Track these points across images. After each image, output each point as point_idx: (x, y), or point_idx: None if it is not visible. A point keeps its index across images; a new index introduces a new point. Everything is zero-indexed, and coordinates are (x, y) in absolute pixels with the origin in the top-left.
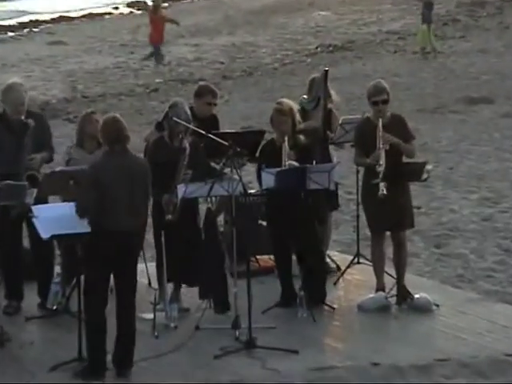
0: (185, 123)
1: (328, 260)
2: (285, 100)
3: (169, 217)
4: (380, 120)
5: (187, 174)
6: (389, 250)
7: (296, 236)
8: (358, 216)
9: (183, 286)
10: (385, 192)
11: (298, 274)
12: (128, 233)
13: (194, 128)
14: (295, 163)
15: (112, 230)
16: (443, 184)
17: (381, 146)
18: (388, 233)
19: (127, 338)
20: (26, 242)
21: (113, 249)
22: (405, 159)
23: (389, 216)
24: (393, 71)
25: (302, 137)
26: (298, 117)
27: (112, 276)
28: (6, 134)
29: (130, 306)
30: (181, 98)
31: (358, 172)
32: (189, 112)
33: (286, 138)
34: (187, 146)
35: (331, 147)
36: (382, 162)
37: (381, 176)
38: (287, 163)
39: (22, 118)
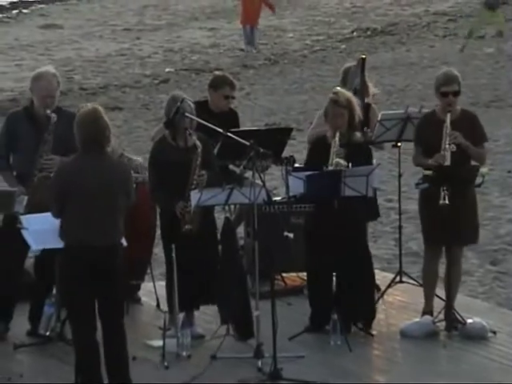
0: (193, 117)
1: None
2: (342, 90)
3: (187, 227)
4: (448, 115)
5: (202, 175)
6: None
7: (338, 251)
8: (400, 227)
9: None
10: (446, 201)
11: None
12: (105, 248)
13: (207, 124)
14: (342, 161)
15: (86, 244)
16: (500, 190)
17: (447, 145)
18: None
19: (118, 369)
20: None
21: (88, 267)
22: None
23: (449, 228)
24: (442, 59)
25: (359, 134)
26: (358, 111)
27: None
28: (30, 130)
29: (118, 332)
30: (180, 91)
31: (399, 176)
32: (192, 105)
33: (338, 134)
34: (198, 142)
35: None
36: (448, 163)
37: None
38: (334, 161)
39: (48, 111)
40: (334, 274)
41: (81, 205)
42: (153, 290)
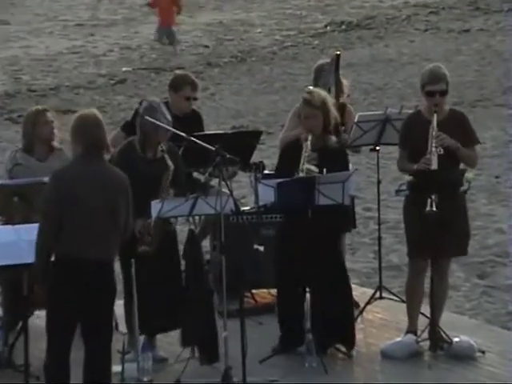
0: (170, 128)
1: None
2: (316, 89)
3: (143, 248)
4: (435, 116)
5: (168, 195)
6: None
7: (311, 265)
8: (379, 238)
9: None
10: (434, 208)
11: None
12: (104, 262)
13: (168, 127)
14: (313, 168)
15: (84, 257)
16: (488, 197)
17: (433, 148)
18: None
19: None
20: None
21: (84, 282)
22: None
23: (437, 239)
24: (423, 55)
25: (333, 138)
26: (334, 112)
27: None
28: None
29: (105, 358)
30: (156, 99)
31: (378, 182)
32: (169, 117)
33: (310, 137)
34: (169, 162)
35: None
36: (435, 167)
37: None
38: (304, 167)
39: None
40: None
41: (81, 214)
42: None
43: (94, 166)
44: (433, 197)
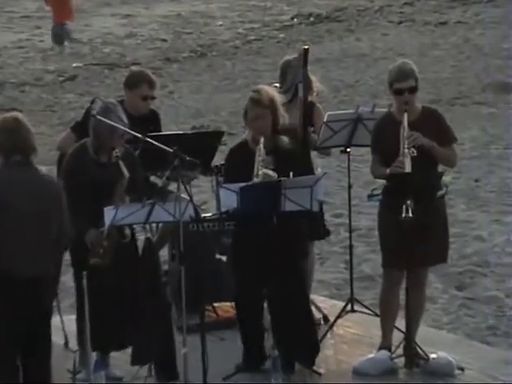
0: (127, 130)
1: (311, 308)
2: (264, 87)
3: (95, 260)
4: (405, 115)
5: (123, 202)
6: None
7: (271, 276)
8: (350, 247)
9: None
10: (410, 214)
11: (269, 327)
12: (34, 279)
13: (123, 128)
14: (271, 173)
15: (9, 275)
16: (466, 202)
17: (405, 150)
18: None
19: None
20: None
21: (11, 303)
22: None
23: (414, 247)
24: (397, 49)
25: (285, 138)
26: (282, 111)
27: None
28: None
29: (43, 380)
30: (113, 100)
31: (349, 187)
32: (126, 120)
33: (262, 140)
34: (125, 170)
35: (313, 153)
36: (408, 170)
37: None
38: (260, 172)
39: None
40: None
41: (9, 225)
42: (60, 326)
43: (20, 173)
44: (408, 202)
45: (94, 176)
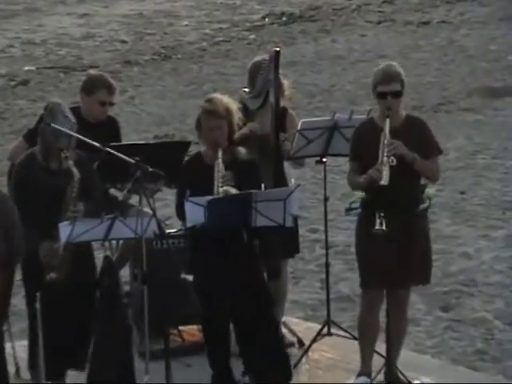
0: (72, 133)
1: (284, 330)
2: (218, 96)
3: (50, 275)
4: (387, 121)
5: (77, 211)
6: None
7: (235, 297)
8: (327, 265)
9: (70, 370)
10: (383, 227)
11: (238, 352)
12: None
13: (79, 137)
14: (233, 190)
15: None
16: (451, 216)
17: (384, 158)
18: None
19: None
20: None
21: None
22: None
23: (395, 266)
24: (376, 51)
25: (243, 150)
26: (237, 119)
27: None
28: None
29: None
30: (58, 100)
31: (325, 200)
32: (73, 119)
33: (220, 152)
34: (74, 170)
35: (287, 164)
36: (385, 182)
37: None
38: (221, 190)
39: None
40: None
41: None
42: (11, 352)
43: None
44: (382, 214)
45: (44, 184)
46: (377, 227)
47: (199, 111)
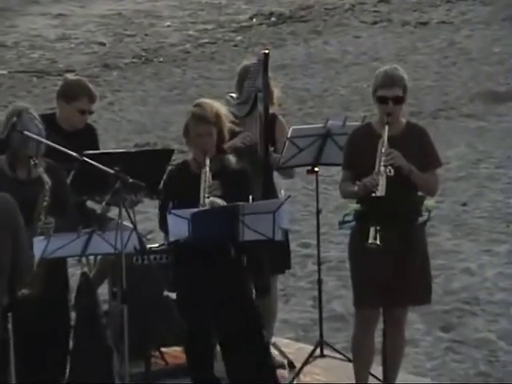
0: (41, 139)
1: (274, 352)
2: (207, 100)
3: (24, 291)
4: (386, 128)
5: (49, 223)
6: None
7: (221, 315)
8: (319, 282)
9: None
10: (377, 241)
11: (225, 373)
12: None
13: (54, 145)
14: (220, 201)
15: None
16: (452, 230)
17: (381, 168)
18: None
19: None
20: None
21: None
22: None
23: (390, 283)
24: (371, 53)
25: (233, 158)
26: (227, 126)
27: None
28: None
29: None
30: (25, 104)
31: (318, 212)
32: (41, 125)
33: (208, 161)
34: (45, 177)
35: (276, 174)
36: (381, 193)
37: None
38: (207, 201)
39: None
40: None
41: None
42: None
43: None
44: (376, 227)
45: (12, 196)
46: (370, 241)
47: (187, 116)
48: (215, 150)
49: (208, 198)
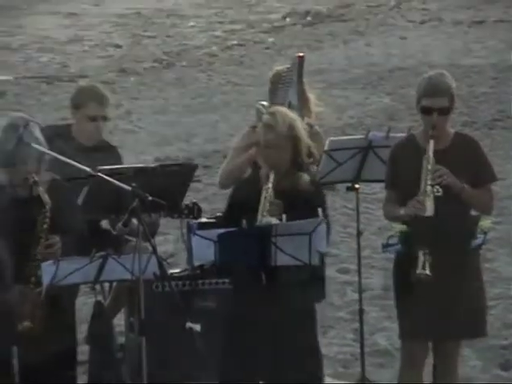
0: (45, 150)
1: None
2: (281, 109)
3: (25, 324)
4: (431, 142)
5: (53, 244)
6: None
7: (274, 362)
8: (361, 312)
9: None
10: (427, 271)
11: None
12: None
13: (65, 160)
14: (275, 220)
15: None
16: (510, 254)
17: (428, 187)
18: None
19: None
20: None
21: None
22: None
23: (440, 314)
24: (419, 56)
25: (307, 177)
26: (306, 140)
27: None
28: None
29: None
30: (22, 114)
31: (359, 234)
32: (41, 138)
33: (273, 177)
34: (46, 197)
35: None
36: (430, 212)
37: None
38: (264, 221)
39: None
40: None
41: None
42: None
43: None
44: (425, 254)
45: (11, 216)
46: (418, 271)
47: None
48: (288, 166)
49: (264, 216)
